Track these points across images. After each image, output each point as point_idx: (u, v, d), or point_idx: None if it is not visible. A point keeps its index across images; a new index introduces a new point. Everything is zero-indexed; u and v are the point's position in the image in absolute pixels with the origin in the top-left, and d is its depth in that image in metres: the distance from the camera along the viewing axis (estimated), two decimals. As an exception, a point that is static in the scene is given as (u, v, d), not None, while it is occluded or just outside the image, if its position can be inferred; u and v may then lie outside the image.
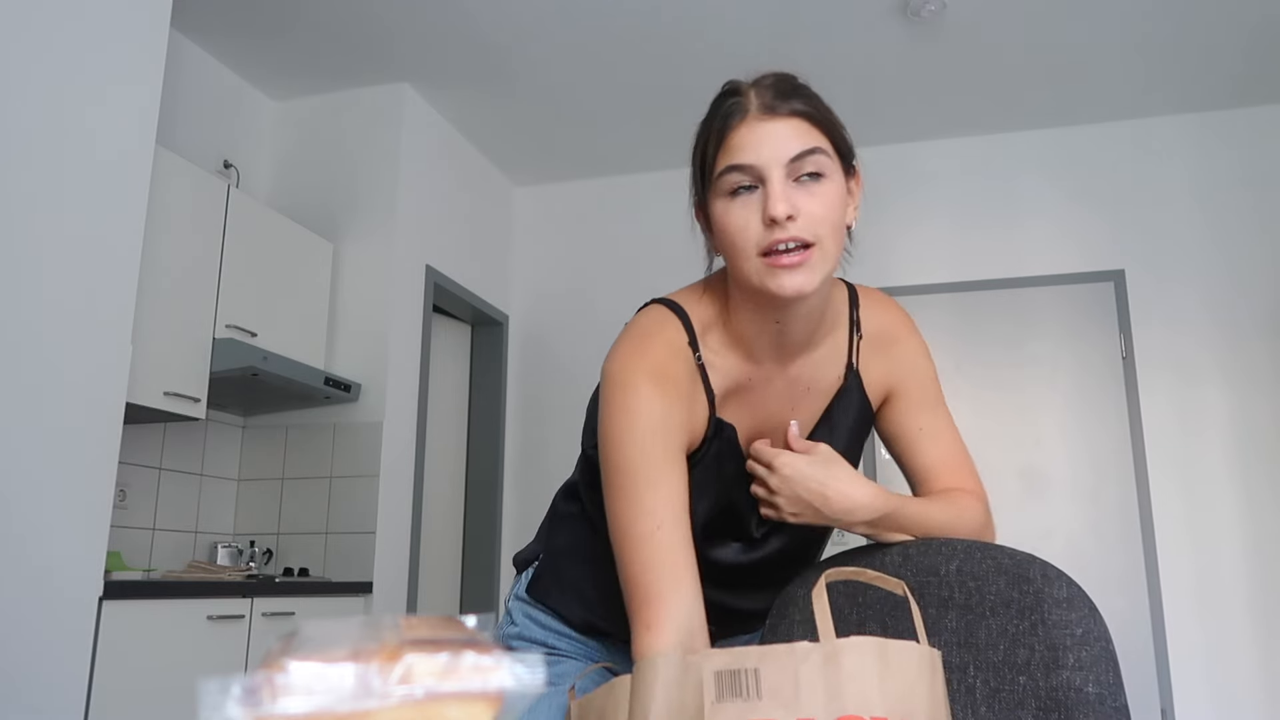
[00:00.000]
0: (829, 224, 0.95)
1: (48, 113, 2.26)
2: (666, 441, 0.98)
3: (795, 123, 0.95)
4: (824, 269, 0.96)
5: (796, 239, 0.93)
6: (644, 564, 0.93)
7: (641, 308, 1.09)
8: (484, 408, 4.69)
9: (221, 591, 2.88)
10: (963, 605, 0.96)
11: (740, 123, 0.96)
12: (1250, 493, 3.90)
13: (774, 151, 0.94)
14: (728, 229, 0.96)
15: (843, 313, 1.11)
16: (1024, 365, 4.21)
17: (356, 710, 0.36)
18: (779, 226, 0.93)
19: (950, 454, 1.15)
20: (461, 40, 3.72)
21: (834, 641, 0.71)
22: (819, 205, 0.94)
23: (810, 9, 3.49)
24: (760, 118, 0.95)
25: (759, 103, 0.96)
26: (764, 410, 1.08)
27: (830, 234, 0.95)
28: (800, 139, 0.95)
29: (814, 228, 0.94)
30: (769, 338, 1.04)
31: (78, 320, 2.30)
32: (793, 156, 0.94)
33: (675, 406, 1.00)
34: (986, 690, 0.91)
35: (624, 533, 0.95)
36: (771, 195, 0.93)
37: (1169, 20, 3.56)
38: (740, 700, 0.70)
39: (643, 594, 0.93)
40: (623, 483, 0.97)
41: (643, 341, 1.03)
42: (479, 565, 4.52)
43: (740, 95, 0.98)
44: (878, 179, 4.51)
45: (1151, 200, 4.22)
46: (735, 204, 0.96)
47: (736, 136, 0.95)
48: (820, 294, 1.00)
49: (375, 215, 3.95)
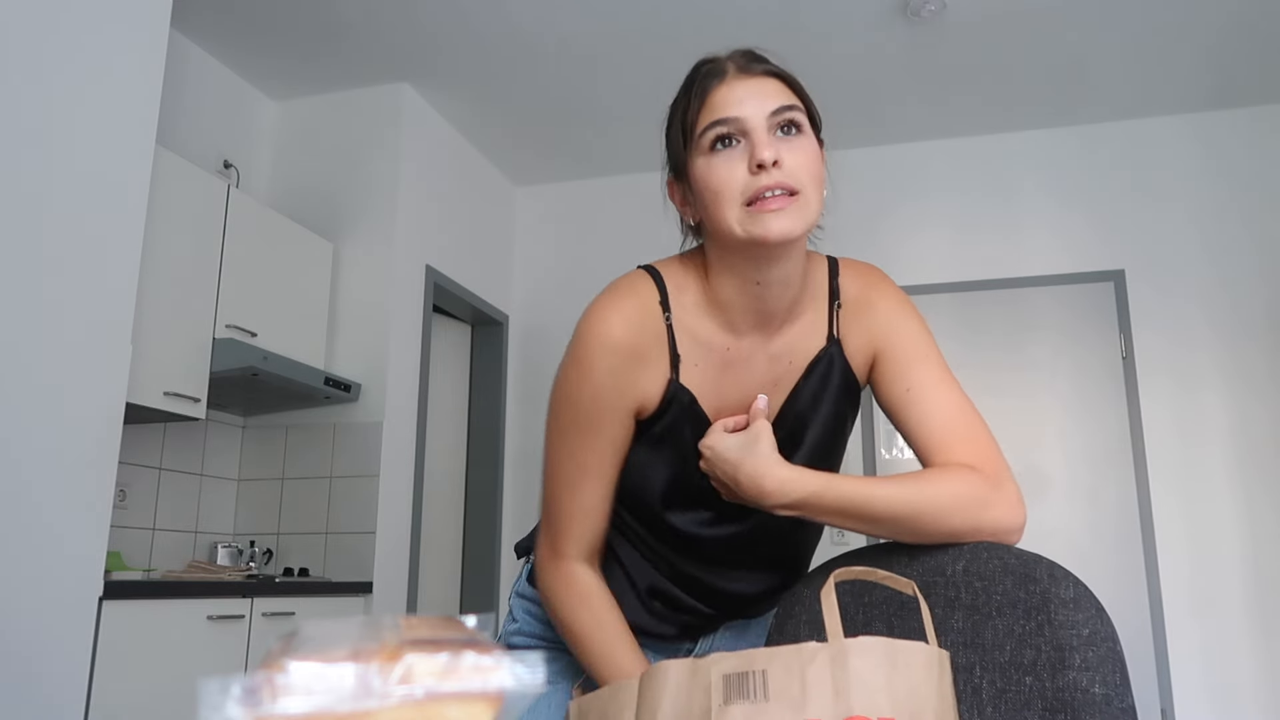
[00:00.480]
0: (810, 174, 0.97)
1: (48, 113, 2.26)
2: (610, 398, 1.02)
3: (772, 81, 0.99)
4: (807, 217, 0.97)
5: (782, 185, 0.95)
6: (566, 509, 1.05)
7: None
8: (484, 408, 4.69)
9: (221, 591, 2.88)
10: (969, 605, 0.96)
11: (720, 83, 0.99)
12: (1250, 493, 3.90)
13: (757, 105, 0.97)
14: (712, 182, 0.97)
15: (823, 284, 1.11)
16: (1023, 366, 4.22)
17: (356, 710, 0.36)
18: (765, 173, 0.94)
19: (947, 419, 1.03)
20: (461, 40, 3.72)
21: (841, 642, 0.70)
22: (801, 156, 0.97)
23: (810, 9, 3.49)
24: (739, 77, 0.99)
25: (735, 65, 1.00)
26: (745, 385, 1.07)
27: (811, 184, 0.97)
28: (779, 94, 0.98)
29: (798, 175, 0.96)
30: (749, 302, 1.04)
31: (78, 320, 2.29)
32: (774, 110, 0.97)
33: (628, 366, 1.02)
34: (993, 691, 0.91)
35: (554, 475, 1.06)
36: (758, 143, 0.95)
37: (1169, 20, 3.56)
38: (748, 702, 0.70)
39: (558, 528, 1.06)
40: (561, 427, 1.05)
41: (612, 298, 1.05)
42: (479, 565, 4.53)
43: (715, 61, 1.01)
44: (878, 179, 4.55)
45: (1151, 200, 4.23)
46: (718, 158, 0.97)
47: (718, 95, 0.98)
48: (801, 249, 1.02)
49: (375, 215, 3.95)
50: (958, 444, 1.02)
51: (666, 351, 1.05)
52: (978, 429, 1.03)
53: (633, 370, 1.03)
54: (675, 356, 1.05)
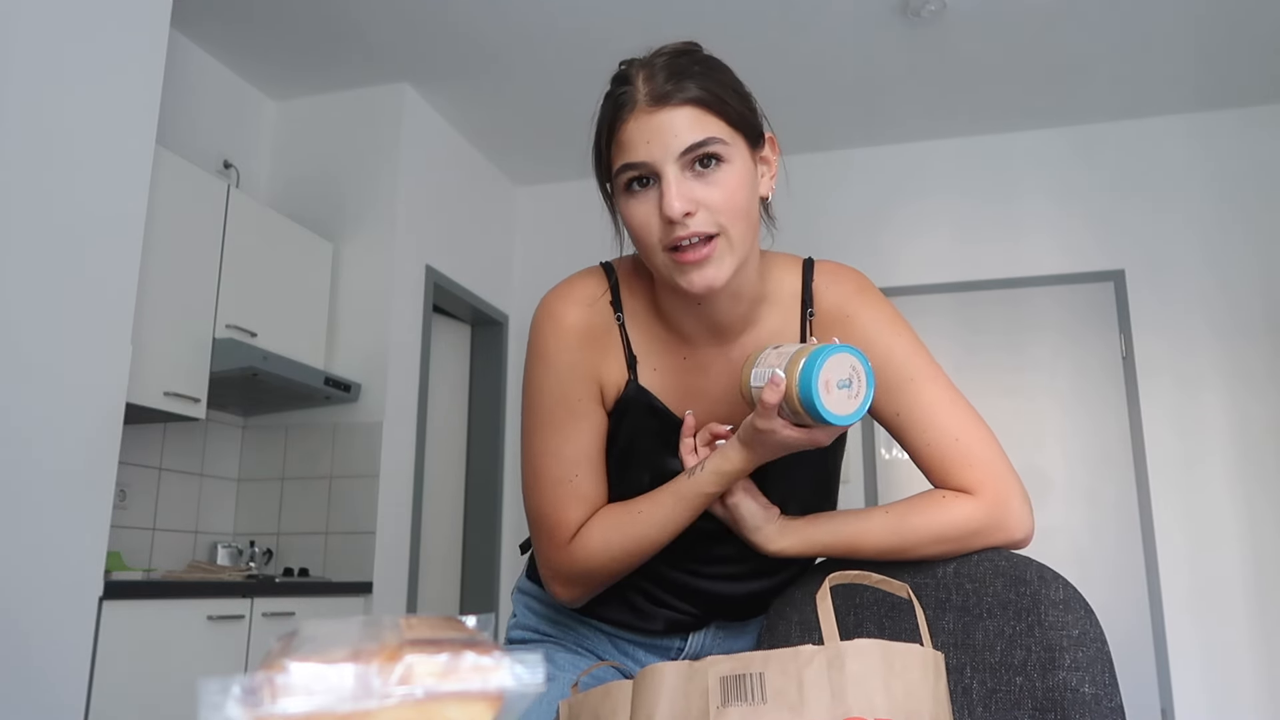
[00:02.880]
0: (731, 211, 0.91)
1: (48, 113, 2.26)
2: (576, 383, 1.00)
3: (686, 111, 0.90)
4: (733, 258, 0.92)
5: (698, 234, 0.90)
6: (558, 505, 1.01)
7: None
8: (484, 408, 4.69)
9: (221, 591, 2.88)
10: (960, 607, 0.96)
11: (630, 116, 0.91)
12: (1250, 493, 3.90)
13: (664, 145, 0.90)
14: (632, 225, 0.94)
15: (793, 290, 1.04)
16: (1024, 366, 4.22)
17: (356, 710, 0.36)
18: (679, 224, 0.90)
19: (943, 444, 0.98)
20: (462, 40, 3.72)
21: (838, 645, 0.71)
22: (718, 194, 0.90)
23: (811, 9, 3.50)
24: (648, 110, 0.90)
25: (647, 90, 0.91)
26: (710, 394, 1.04)
27: (734, 221, 0.91)
28: (692, 129, 0.90)
29: (715, 219, 0.91)
30: (695, 320, 1.02)
31: (78, 320, 2.30)
32: (684, 149, 0.90)
33: (585, 349, 1.01)
34: (983, 691, 0.91)
35: (537, 473, 1.02)
36: (666, 194, 0.89)
37: (1169, 20, 3.56)
38: (745, 704, 0.70)
39: (553, 524, 1.01)
40: (538, 425, 1.02)
41: (562, 288, 1.05)
42: (479, 565, 4.53)
43: (629, 84, 0.93)
44: (878, 179, 4.55)
45: (1151, 200, 4.23)
46: (634, 200, 0.93)
47: (626, 132, 0.92)
48: (740, 280, 0.97)
49: (375, 215, 3.95)
50: (955, 470, 0.98)
51: (621, 349, 1.03)
52: (977, 449, 0.98)
53: (591, 354, 1.02)
54: (631, 357, 1.03)
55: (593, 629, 1.16)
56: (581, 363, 1.01)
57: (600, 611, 1.13)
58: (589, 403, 1.02)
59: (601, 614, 1.13)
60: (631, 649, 1.15)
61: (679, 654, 1.15)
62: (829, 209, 4.54)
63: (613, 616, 1.12)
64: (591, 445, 1.02)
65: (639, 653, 1.15)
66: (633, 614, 1.11)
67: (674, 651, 1.15)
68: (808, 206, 4.59)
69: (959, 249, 4.38)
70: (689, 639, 1.15)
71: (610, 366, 1.03)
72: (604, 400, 1.04)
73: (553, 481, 1.01)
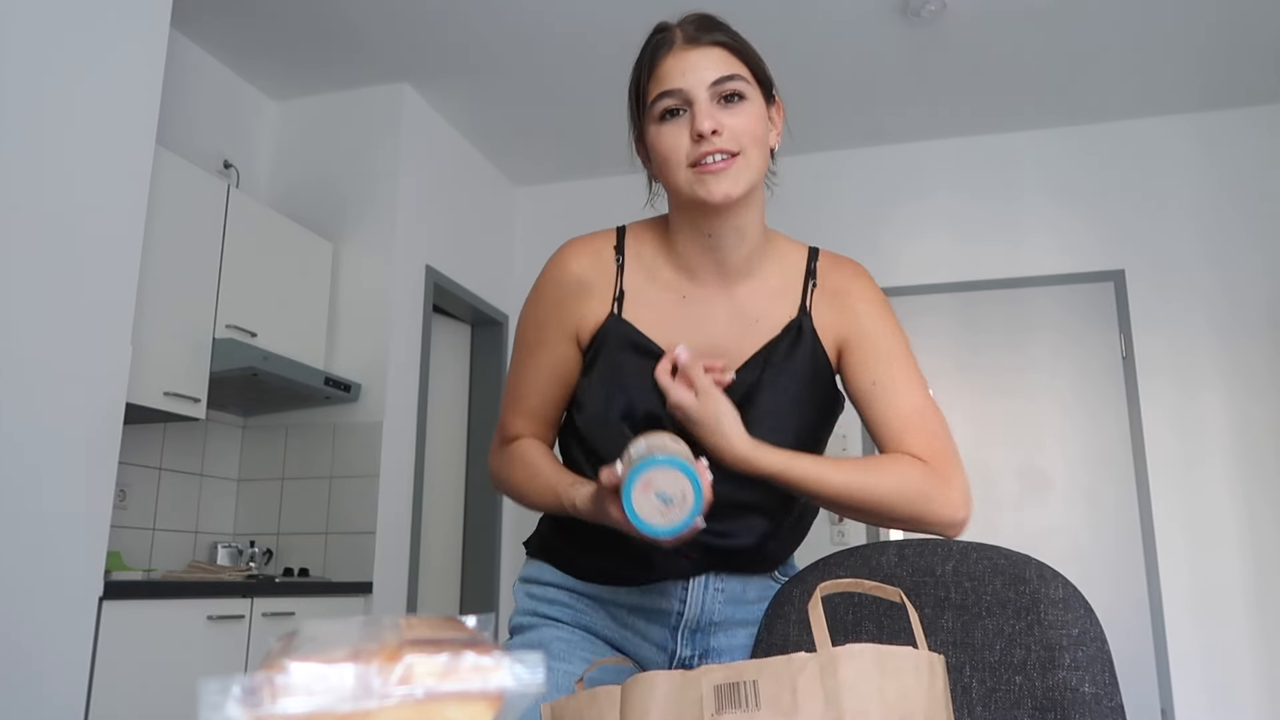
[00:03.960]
0: (750, 136, 1.05)
1: (48, 113, 2.26)
2: (552, 325, 1.16)
3: (717, 51, 1.07)
4: (748, 176, 1.06)
5: (722, 150, 1.04)
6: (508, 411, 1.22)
7: None
8: (484, 408, 4.69)
9: (221, 591, 2.88)
10: (959, 605, 0.96)
11: (668, 54, 1.08)
12: (1250, 493, 3.90)
13: (698, 76, 1.05)
14: (660, 149, 1.08)
15: (798, 264, 1.17)
16: (1024, 365, 4.22)
17: (356, 710, 0.36)
18: (706, 140, 1.03)
19: (907, 414, 1.10)
20: (461, 40, 3.72)
21: (830, 651, 0.71)
22: (741, 120, 1.05)
23: (810, 9, 3.50)
24: (685, 48, 1.07)
25: (683, 35, 1.08)
26: (705, 331, 1.13)
27: (753, 145, 1.06)
28: (721, 65, 1.06)
29: (738, 139, 1.05)
30: (703, 252, 1.13)
31: (78, 320, 2.30)
32: (715, 80, 1.05)
33: (572, 297, 1.15)
34: (983, 690, 0.91)
35: (508, 383, 1.23)
36: (698, 114, 1.04)
37: (1169, 20, 3.56)
38: (739, 711, 0.70)
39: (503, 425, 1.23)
40: (517, 345, 1.22)
41: (573, 242, 1.21)
42: (479, 565, 4.53)
43: (666, 31, 1.10)
44: (878, 179, 4.55)
45: (1151, 200, 4.23)
46: (666, 127, 1.07)
47: (664, 66, 1.07)
48: (749, 204, 1.10)
49: (375, 215, 3.95)
50: (913, 437, 1.09)
51: (613, 286, 1.15)
52: (935, 426, 1.10)
53: (576, 301, 1.15)
54: (620, 293, 1.15)
55: (590, 603, 1.17)
56: (563, 307, 1.16)
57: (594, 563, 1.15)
58: (559, 339, 1.17)
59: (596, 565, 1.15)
60: (630, 618, 1.15)
61: (679, 619, 1.14)
62: (829, 209, 4.54)
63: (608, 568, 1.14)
64: (550, 374, 1.18)
65: (638, 622, 1.15)
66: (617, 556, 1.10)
67: (673, 617, 1.14)
68: (808, 206, 4.59)
69: (959, 249, 4.38)
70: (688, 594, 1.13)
71: (594, 306, 1.15)
72: (580, 339, 1.17)
73: (513, 394, 1.21)
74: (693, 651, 1.14)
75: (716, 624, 1.14)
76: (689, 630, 1.14)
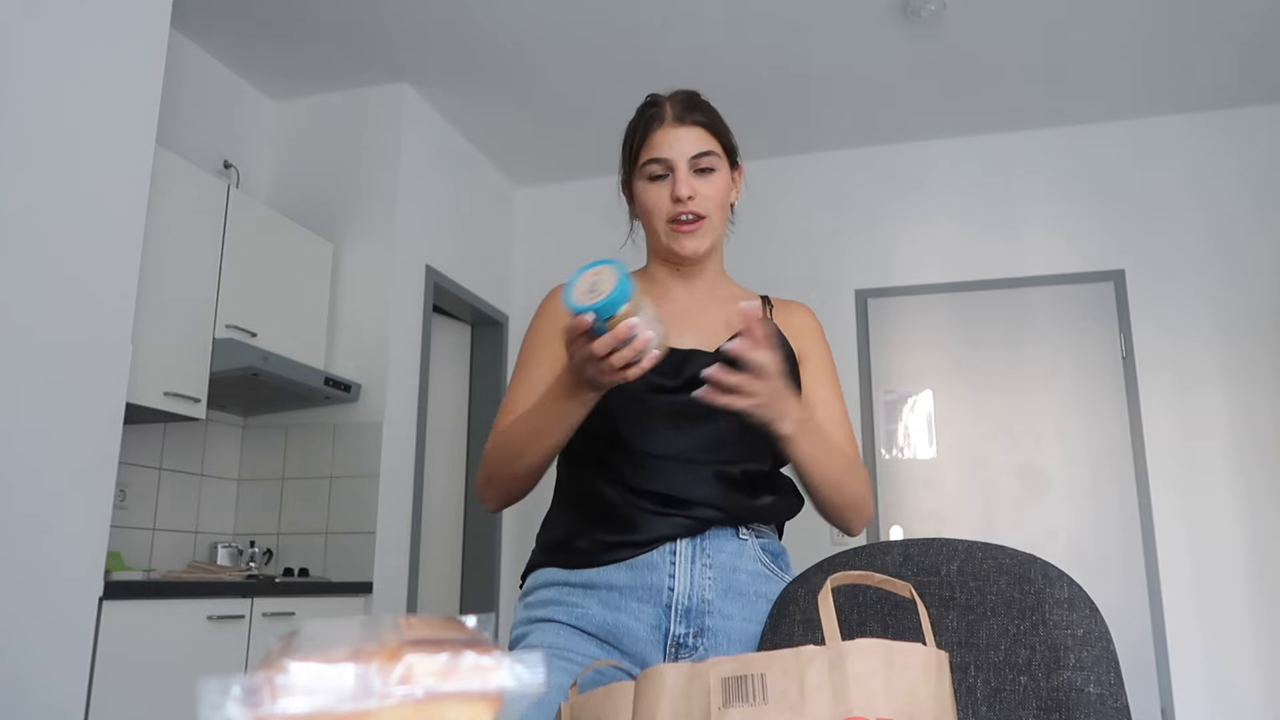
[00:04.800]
0: (715, 202, 1.31)
1: (48, 113, 2.26)
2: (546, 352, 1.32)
3: (697, 130, 1.31)
4: (712, 235, 1.33)
5: (693, 212, 1.29)
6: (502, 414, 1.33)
7: None
8: (484, 408, 4.69)
9: (221, 591, 2.88)
10: (964, 605, 0.96)
11: (659, 128, 1.31)
12: (1250, 492, 3.90)
13: (681, 149, 1.29)
14: (645, 202, 1.32)
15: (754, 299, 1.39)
16: (1024, 365, 4.22)
17: (356, 710, 0.36)
18: (682, 203, 1.28)
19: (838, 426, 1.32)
20: (461, 40, 3.72)
21: (839, 645, 0.71)
22: (710, 189, 1.30)
23: (810, 9, 3.50)
24: (673, 125, 1.31)
25: (672, 113, 1.32)
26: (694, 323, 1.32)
27: (717, 210, 1.32)
28: (700, 142, 1.31)
29: (706, 205, 1.30)
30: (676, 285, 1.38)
31: (78, 320, 2.30)
32: (694, 154, 1.29)
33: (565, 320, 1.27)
34: (987, 690, 0.91)
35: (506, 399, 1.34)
36: (679, 181, 1.28)
37: (1169, 20, 3.56)
38: (747, 705, 0.70)
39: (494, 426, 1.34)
40: (519, 363, 1.38)
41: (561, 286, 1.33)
42: (479, 565, 4.53)
43: (659, 106, 1.34)
44: (878, 179, 4.55)
45: (1151, 200, 4.23)
46: (652, 186, 1.31)
47: (655, 137, 1.31)
48: (712, 256, 1.36)
49: (375, 215, 3.95)
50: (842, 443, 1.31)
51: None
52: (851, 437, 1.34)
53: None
54: None
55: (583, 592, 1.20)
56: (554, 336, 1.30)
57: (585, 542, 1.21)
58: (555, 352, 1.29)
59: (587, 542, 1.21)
60: (622, 600, 1.18)
61: (670, 596, 1.17)
62: (829, 209, 4.54)
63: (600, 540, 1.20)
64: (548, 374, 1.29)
65: (630, 604, 1.18)
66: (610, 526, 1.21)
67: (664, 593, 1.17)
68: (808, 206, 4.60)
69: (959, 249, 4.38)
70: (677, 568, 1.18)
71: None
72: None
73: (510, 401, 1.35)
74: (687, 628, 1.17)
75: (708, 601, 1.17)
76: (681, 609, 1.17)
